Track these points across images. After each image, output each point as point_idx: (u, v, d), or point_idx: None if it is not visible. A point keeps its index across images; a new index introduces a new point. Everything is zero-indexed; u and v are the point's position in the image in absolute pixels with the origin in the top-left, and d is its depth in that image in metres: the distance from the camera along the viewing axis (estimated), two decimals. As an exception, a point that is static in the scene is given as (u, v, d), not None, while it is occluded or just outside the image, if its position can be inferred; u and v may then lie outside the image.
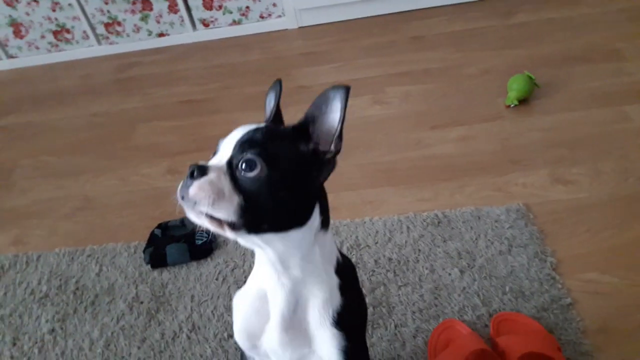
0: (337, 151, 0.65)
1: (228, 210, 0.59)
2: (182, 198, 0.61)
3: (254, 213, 0.61)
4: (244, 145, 0.61)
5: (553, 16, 2.19)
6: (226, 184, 0.60)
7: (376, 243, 1.39)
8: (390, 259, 1.33)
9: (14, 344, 1.31)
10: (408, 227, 1.41)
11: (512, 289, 1.21)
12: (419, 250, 1.34)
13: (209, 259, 1.43)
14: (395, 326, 1.18)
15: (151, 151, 1.88)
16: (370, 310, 1.22)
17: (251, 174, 0.60)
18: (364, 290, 1.27)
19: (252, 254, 1.40)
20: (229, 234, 0.61)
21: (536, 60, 1.95)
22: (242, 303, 0.74)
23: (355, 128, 1.81)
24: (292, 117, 2.01)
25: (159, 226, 1.53)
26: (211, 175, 0.60)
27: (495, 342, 1.05)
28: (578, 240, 1.30)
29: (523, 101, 1.76)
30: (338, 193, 1.57)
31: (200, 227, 0.63)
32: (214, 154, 0.66)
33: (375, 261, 1.34)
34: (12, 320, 1.37)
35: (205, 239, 1.44)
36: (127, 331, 1.29)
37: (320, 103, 0.62)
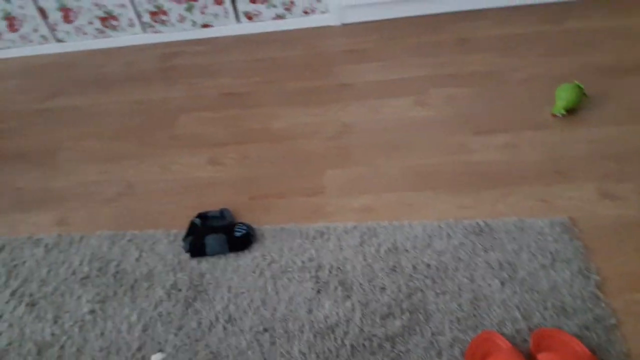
0: None
1: None
2: None
3: None
4: None
5: (606, 24, 2.13)
6: None
7: (415, 248, 1.38)
8: (429, 265, 1.32)
9: (56, 322, 1.35)
10: (448, 234, 1.39)
11: (554, 304, 1.19)
12: (459, 258, 1.33)
13: (246, 252, 1.44)
14: (432, 334, 1.17)
15: (192, 141, 1.90)
16: (406, 315, 1.22)
17: None
18: (401, 294, 1.26)
19: (289, 249, 1.41)
20: None
21: (586, 69, 1.90)
22: None
23: (396, 129, 1.79)
24: (333, 115, 2.01)
25: (199, 216, 1.55)
26: None
27: (535, 358, 1.03)
28: (625, 258, 1.27)
29: (571, 111, 1.72)
30: (378, 194, 1.56)
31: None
32: None
33: (414, 266, 1.33)
34: (54, 299, 1.41)
35: (244, 232, 1.45)
36: (164, 317, 1.31)
37: None
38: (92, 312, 1.36)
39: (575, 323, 1.14)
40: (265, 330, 1.25)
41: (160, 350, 1.24)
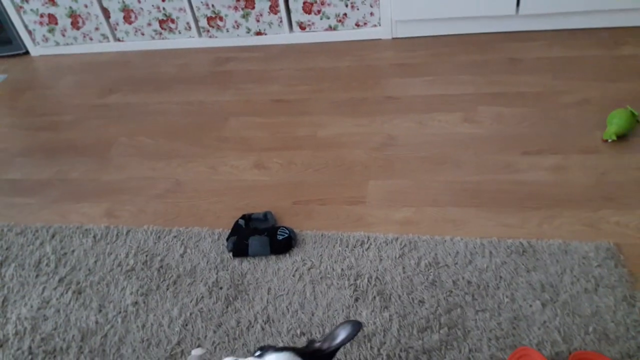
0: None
1: None
2: None
3: None
4: None
5: (663, 51, 2.09)
6: None
7: (456, 264, 1.38)
8: (469, 282, 1.32)
9: (100, 310, 1.40)
10: (490, 252, 1.39)
11: (595, 329, 1.17)
12: (500, 277, 1.32)
13: (287, 255, 1.47)
14: (470, 350, 1.17)
15: (240, 144, 1.94)
16: (444, 330, 1.22)
17: None
18: (440, 309, 1.26)
19: (329, 255, 1.43)
20: None
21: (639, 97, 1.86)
22: None
23: (442, 144, 1.80)
24: (378, 126, 2.02)
25: (243, 217, 1.58)
26: None
27: (576, 382, 1.02)
28: (673, 290, 1.24)
29: (622, 137, 1.69)
30: (420, 207, 1.57)
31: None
32: (258, 353, 0.81)
33: (454, 282, 1.33)
34: (99, 288, 1.46)
35: (286, 235, 1.48)
36: (205, 314, 1.34)
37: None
38: (135, 303, 1.40)
39: (618, 350, 1.12)
40: (303, 333, 1.27)
41: (200, 346, 1.27)
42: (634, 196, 1.50)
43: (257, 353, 0.80)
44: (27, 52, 2.86)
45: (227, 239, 1.52)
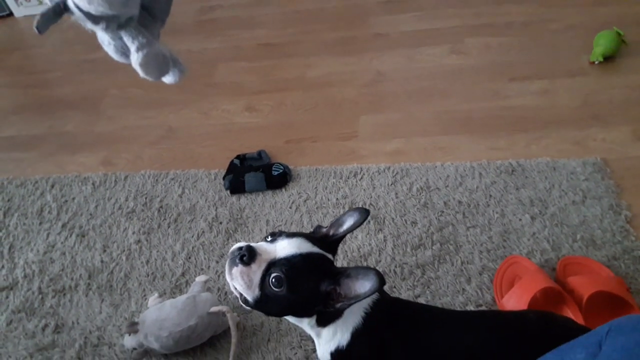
0: (342, 309, 0.79)
1: (249, 295, 0.79)
2: (231, 268, 0.78)
3: (263, 307, 0.80)
4: (287, 265, 0.77)
5: (649, -27, 2.08)
6: (257, 277, 0.77)
7: (446, 186, 1.41)
8: (460, 202, 1.36)
9: (104, 251, 1.44)
10: (480, 174, 1.42)
11: (583, 237, 1.22)
12: (490, 195, 1.36)
13: (283, 189, 1.50)
14: (462, 263, 1.22)
15: (231, 89, 1.95)
16: (437, 246, 1.26)
17: (274, 289, 0.76)
18: (432, 228, 1.31)
19: (324, 188, 1.47)
20: (242, 303, 0.81)
21: (626, 18, 1.86)
22: None
23: (431, 77, 1.81)
24: (367, 63, 2.02)
25: (238, 157, 1.61)
26: (253, 267, 0.77)
27: (563, 282, 1.06)
28: (657, 196, 1.28)
29: (609, 58, 1.70)
30: (411, 138, 1.60)
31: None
32: (269, 239, 0.82)
33: (445, 203, 1.37)
34: (102, 230, 1.50)
35: (281, 170, 1.51)
36: (206, 247, 1.39)
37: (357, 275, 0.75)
38: (138, 242, 1.44)
39: (604, 254, 1.17)
40: (301, 259, 1.31)
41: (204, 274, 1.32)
42: (620, 114, 1.53)
43: (269, 238, 0.83)
44: (10, 14, 2.82)
45: (224, 178, 1.55)
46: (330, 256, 0.83)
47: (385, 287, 1.13)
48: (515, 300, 1.04)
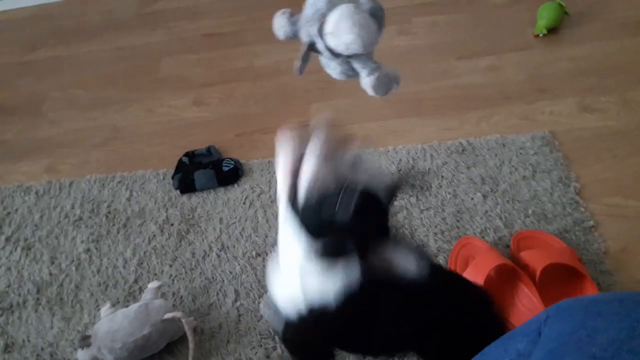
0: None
1: None
2: None
3: None
4: None
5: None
6: None
7: (399, 171, 1.40)
8: (413, 185, 1.35)
9: (52, 262, 1.38)
10: (432, 155, 1.41)
11: (534, 212, 1.22)
12: (442, 176, 1.36)
13: (235, 185, 1.46)
14: (417, 246, 1.21)
15: (177, 83, 1.89)
16: (392, 231, 1.25)
17: None
18: (387, 213, 1.29)
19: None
20: None
21: (568, -11, 1.88)
22: None
23: (381, 59, 1.77)
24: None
25: (186, 154, 1.56)
26: None
27: (517, 257, 1.07)
28: (603, 166, 1.30)
29: (553, 30, 1.72)
30: (362, 123, 1.58)
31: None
32: None
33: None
34: (49, 241, 1.44)
35: (231, 166, 1.47)
36: (158, 251, 1.35)
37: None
38: (87, 251, 1.39)
39: (556, 227, 1.18)
40: (258, 254, 1.28)
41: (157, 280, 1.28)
42: (566, 86, 1.54)
43: None
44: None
45: (173, 177, 1.50)
46: None
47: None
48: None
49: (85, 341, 1.09)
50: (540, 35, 1.70)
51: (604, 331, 0.50)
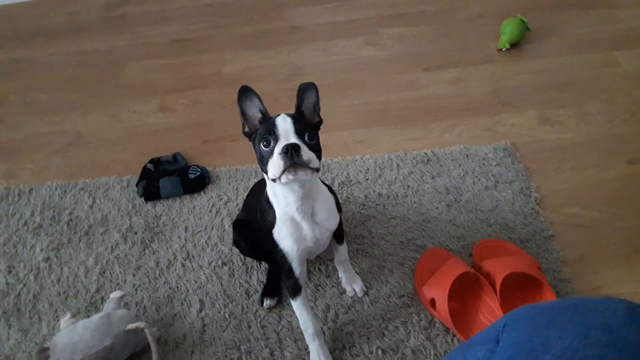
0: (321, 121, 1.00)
1: (318, 163, 0.88)
2: (292, 165, 0.84)
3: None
4: (301, 128, 0.90)
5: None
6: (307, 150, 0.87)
7: (367, 179, 1.42)
8: (380, 194, 1.37)
9: (10, 272, 1.34)
10: (398, 165, 1.43)
11: (496, 221, 1.25)
12: (408, 186, 1.37)
13: (202, 193, 1.45)
14: (384, 254, 1.22)
15: (142, 89, 1.86)
16: (359, 240, 1.26)
17: (314, 142, 0.90)
18: (354, 221, 1.30)
19: (245, 188, 1.43)
20: (311, 176, 0.87)
21: (530, 5, 1.95)
22: (285, 231, 0.97)
23: (348, 69, 1.81)
24: (284, 57, 1.98)
25: (152, 161, 1.54)
26: (304, 148, 0.86)
27: (479, 266, 1.09)
28: (562, 177, 1.34)
29: (515, 45, 1.77)
30: (330, 132, 1.58)
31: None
32: (276, 140, 0.89)
33: (365, 196, 1.37)
34: (6, 249, 1.39)
35: (197, 173, 1.46)
36: (121, 260, 1.32)
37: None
38: (47, 259, 1.35)
39: (517, 237, 1.21)
40: (224, 264, 1.27)
41: (119, 289, 1.25)
42: (526, 98, 1.59)
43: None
44: None
45: (137, 185, 1.47)
46: None
47: (308, 280, 1.13)
48: (435, 290, 1.06)
49: (43, 353, 1.06)
50: (503, 49, 1.75)
51: (557, 339, 0.52)
